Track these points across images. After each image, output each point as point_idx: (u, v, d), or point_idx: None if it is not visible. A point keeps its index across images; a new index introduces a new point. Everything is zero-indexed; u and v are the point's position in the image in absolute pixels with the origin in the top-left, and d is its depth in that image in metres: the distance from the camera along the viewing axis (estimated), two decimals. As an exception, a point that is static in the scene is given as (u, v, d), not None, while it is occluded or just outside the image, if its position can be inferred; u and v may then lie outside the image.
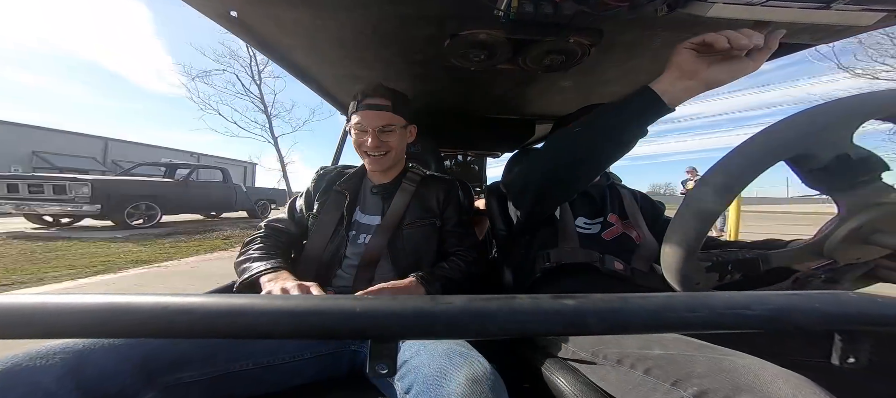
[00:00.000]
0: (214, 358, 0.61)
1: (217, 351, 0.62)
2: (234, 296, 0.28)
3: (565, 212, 0.97)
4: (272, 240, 0.95)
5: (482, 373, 0.53)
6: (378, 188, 1.01)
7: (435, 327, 0.27)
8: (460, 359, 0.56)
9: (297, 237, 1.01)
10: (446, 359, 0.56)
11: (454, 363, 0.55)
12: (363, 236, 0.94)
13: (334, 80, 1.28)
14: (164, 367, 0.57)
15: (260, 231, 0.97)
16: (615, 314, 0.28)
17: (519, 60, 0.93)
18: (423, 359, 0.58)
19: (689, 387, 0.44)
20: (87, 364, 0.51)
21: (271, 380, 0.67)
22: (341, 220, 0.95)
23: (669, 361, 0.49)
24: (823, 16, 0.59)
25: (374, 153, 0.94)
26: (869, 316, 0.29)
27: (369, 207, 0.99)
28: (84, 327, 0.26)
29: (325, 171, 1.07)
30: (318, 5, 0.76)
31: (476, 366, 0.54)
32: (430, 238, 0.98)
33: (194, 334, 0.26)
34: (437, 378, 0.54)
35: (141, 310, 0.26)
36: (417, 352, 0.61)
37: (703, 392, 0.42)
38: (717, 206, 0.45)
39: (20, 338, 0.25)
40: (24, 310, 0.25)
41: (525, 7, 0.67)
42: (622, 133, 0.66)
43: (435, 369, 0.55)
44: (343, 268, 0.91)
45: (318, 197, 1.00)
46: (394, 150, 0.96)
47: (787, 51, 0.90)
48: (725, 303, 0.29)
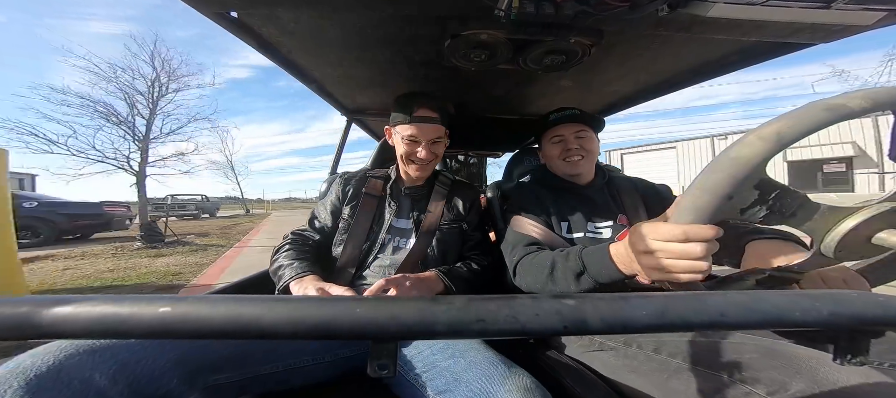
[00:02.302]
0: (247, 361, 0.65)
1: (249, 354, 0.65)
2: (235, 298, 0.28)
3: (571, 227, 0.96)
4: (299, 245, 0.97)
5: (532, 384, 0.55)
6: (410, 190, 1.04)
7: (435, 327, 0.27)
8: (505, 367, 0.59)
9: (322, 244, 1.02)
10: (491, 367, 0.59)
11: (499, 371, 0.57)
12: (398, 239, 0.97)
13: (334, 80, 1.28)
14: (204, 369, 0.60)
15: (286, 239, 1.00)
16: (615, 314, 0.28)
17: (519, 60, 0.93)
18: (462, 364, 0.61)
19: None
20: (137, 364, 0.53)
21: (295, 381, 0.71)
22: (375, 225, 0.98)
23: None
24: (823, 16, 0.59)
25: (425, 163, 0.98)
26: (869, 315, 0.29)
27: (403, 211, 1.02)
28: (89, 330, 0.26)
29: (349, 176, 1.09)
30: (318, 5, 0.76)
31: (524, 376, 0.57)
32: (456, 240, 1.03)
33: (196, 335, 0.26)
34: (483, 382, 0.56)
35: (145, 314, 0.26)
36: (451, 356, 0.64)
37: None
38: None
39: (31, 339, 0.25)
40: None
41: (526, 7, 0.67)
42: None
43: (479, 374, 0.58)
44: (378, 272, 0.93)
45: (347, 202, 1.02)
46: (438, 159, 1.03)
47: (786, 50, 0.90)
48: (726, 302, 0.29)
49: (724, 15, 0.59)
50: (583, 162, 1.01)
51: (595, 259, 0.66)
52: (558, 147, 1.04)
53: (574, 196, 1.02)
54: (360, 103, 1.59)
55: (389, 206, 1.01)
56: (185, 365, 0.57)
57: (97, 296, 0.27)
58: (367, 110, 1.69)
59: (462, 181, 1.14)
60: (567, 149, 1.02)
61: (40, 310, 0.26)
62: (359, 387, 0.75)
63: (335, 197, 1.05)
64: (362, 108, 1.66)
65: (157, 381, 0.54)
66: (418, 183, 1.07)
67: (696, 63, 1.06)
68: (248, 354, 0.65)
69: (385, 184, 1.05)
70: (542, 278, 0.77)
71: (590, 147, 1.03)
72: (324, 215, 1.05)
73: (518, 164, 1.69)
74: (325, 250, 1.01)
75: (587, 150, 1.02)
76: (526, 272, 0.85)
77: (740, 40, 0.86)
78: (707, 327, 0.29)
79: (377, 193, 1.02)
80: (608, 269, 0.63)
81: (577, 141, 1.02)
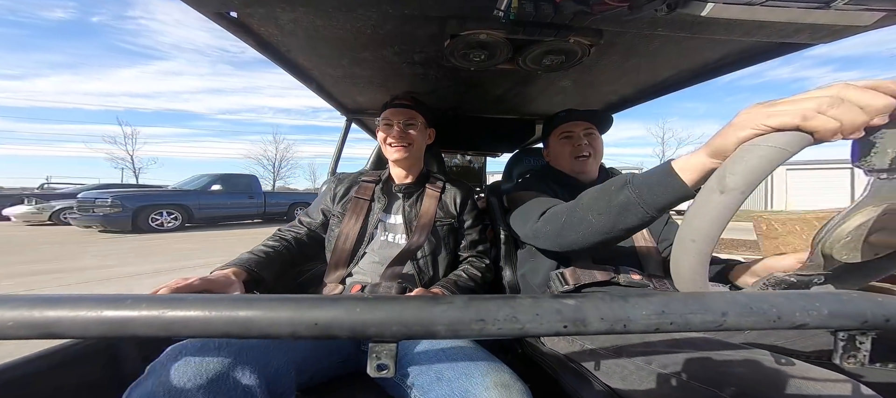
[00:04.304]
0: (306, 362, 0.68)
1: (307, 356, 0.68)
2: (236, 298, 0.28)
3: None
4: (271, 240, 1.00)
5: (510, 380, 0.55)
6: (401, 187, 1.06)
7: (435, 327, 0.27)
8: (485, 364, 0.59)
9: (305, 241, 1.05)
10: (471, 364, 0.59)
11: (479, 368, 0.57)
12: (389, 236, 0.99)
13: (334, 80, 1.28)
14: (298, 371, 0.64)
15: (271, 235, 1.03)
16: (615, 314, 0.28)
17: (519, 60, 0.93)
18: (443, 362, 0.61)
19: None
20: (268, 366, 0.57)
21: (301, 379, 0.73)
22: (368, 220, 1.00)
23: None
24: (823, 16, 0.59)
25: (398, 142, 1.02)
26: (869, 315, 0.29)
27: (394, 208, 1.04)
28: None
29: (342, 177, 1.12)
30: (317, 5, 0.76)
31: (503, 372, 0.57)
32: (449, 238, 1.04)
33: (196, 334, 0.26)
34: (463, 381, 0.56)
35: (145, 314, 0.26)
36: (435, 353, 0.64)
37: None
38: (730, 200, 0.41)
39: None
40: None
41: (525, 7, 0.67)
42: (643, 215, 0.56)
43: (459, 372, 0.58)
44: (369, 265, 0.95)
45: (340, 200, 1.05)
46: (415, 145, 1.05)
47: (786, 50, 0.90)
48: (727, 303, 0.29)
49: (723, 15, 0.59)
50: (590, 160, 1.03)
51: (651, 180, 0.54)
52: (567, 144, 1.06)
53: (576, 193, 1.02)
54: (360, 103, 1.59)
55: (380, 203, 1.03)
56: (297, 365, 0.63)
57: (98, 296, 0.27)
58: (367, 110, 1.69)
59: (455, 179, 1.16)
60: (576, 146, 1.03)
61: (40, 310, 0.26)
62: (346, 384, 0.75)
63: (328, 196, 1.08)
64: (362, 107, 1.66)
65: (281, 379, 0.59)
66: (408, 180, 1.08)
67: (695, 63, 1.06)
68: (306, 355, 0.69)
69: (377, 183, 1.07)
70: (583, 204, 0.67)
71: (597, 145, 1.05)
72: (313, 213, 1.10)
73: (518, 163, 1.69)
74: (308, 247, 1.05)
75: (594, 148, 1.04)
76: (552, 217, 0.76)
77: (740, 40, 0.86)
78: (707, 327, 0.28)
79: (369, 191, 1.05)
80: (669, 187, 0.52)
81: (586, 138, 1.04)
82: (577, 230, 0.68)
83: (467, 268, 1.01)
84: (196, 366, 0.49)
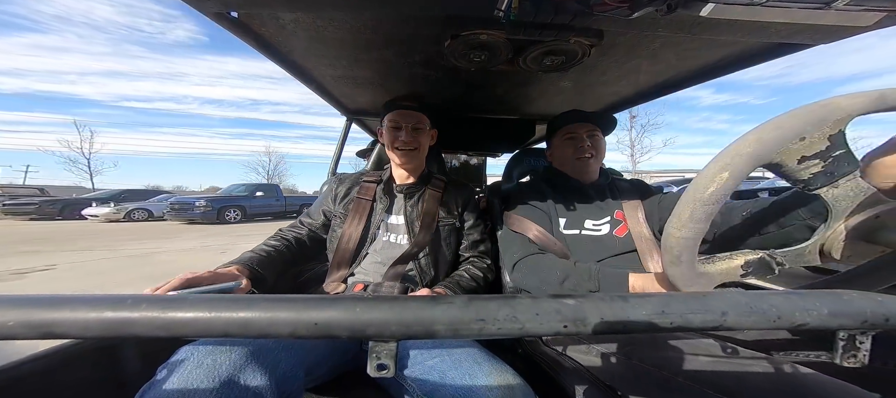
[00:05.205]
0: (315, 363, 0.69)
1: (316, 356, 0.69)
2: (236, 298, 0.28)
3: (570, 224, 0.98)
4: (273, 240, 1.00)
5: (515, 381, 0.56)
6: (402, 188, 1.06)
7: (435, 327, 0.27)
8: (489, 365, 0.59)
9: (306, 242, 1.05)
10: (475, 366, 0.59)
11: (483, 369, 0.58)
12: (391, 236, 0.99)
13: (334, 81, 1.28)
14: (308, 370, 0.66)
15: (272, 234, 1.04)
16: (615, 314, 0.28)
17: (519, 61, 0.93)
18: (448, 363, 0.62)
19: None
20: (277, 367, 0.58)
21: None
22: (370, 220, 1.00)
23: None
24: (823, 16, 0.59)
25: (407, 147, 1.02)
26: (869, 315, 0.29)
27: (396, 209, 1.04)
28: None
29: (343, 177, 1.13)
30: (317, 5, 0.76)
31: (506, 372, 0.58)
32: (451, 238, 1.04)
33: (197, 334, 0.26)
34: (467, 381, 0.56)
35: (146, 315, 0.26)
36: (439, 354, 0.64)
37: None
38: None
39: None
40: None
41: (525, 8, 0.67)
42: None
43: (463, 373, 0.58)
44: (372, 265, 0.96)
45: (341, 200, 1.05)
46: (422, 148, 1.06)
47: (786, 51, 0.90)
48: (727, 302, 0.29)
49: (723, 16, 0.59)
50: (592, 161, 1.04)
51: (612, 283, 0.71)
52: (570, 145, 1.06)
53: (577, 194, 1.04)
54: (360, 103, 1.59)
55: (382, 203, 1.03)
56: (306, 366, 0.64)
57: (98, 296, 0.27)
58: (367, 110, 1.69)
59: (457, 180, 1.16)
60: (579, 147, 1.04)
61: (41, 311, 0.26)
62: (349, 384, 0.75)
63: (329, 197, 1.08)
64: (362, 108, 1.66)
65: (291, 381, 0.60)
66: (410, 180, 1.08)
67: (695, 64, 1.06)
68: (319, 358, 0.70)
69: (378, 183, 1.07)
70: (552, 281, 0.79)
71: (599, 147, 1.06)
72: (314, 214, 1.10)
73: (518, 163, 1.69)
74: (309, 248, 1.06)
75: (596, 149, 1.05)
76: (530, 272, 0.86)
77: (740, 41, 0.86)
78: (707, 327, 0.28)
79: (371, 192, 1.05)
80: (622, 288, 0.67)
81: (589, 140, 1.05)
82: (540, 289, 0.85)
83: (469, 268, 1.01)
84: (208, 368, 0.50)
